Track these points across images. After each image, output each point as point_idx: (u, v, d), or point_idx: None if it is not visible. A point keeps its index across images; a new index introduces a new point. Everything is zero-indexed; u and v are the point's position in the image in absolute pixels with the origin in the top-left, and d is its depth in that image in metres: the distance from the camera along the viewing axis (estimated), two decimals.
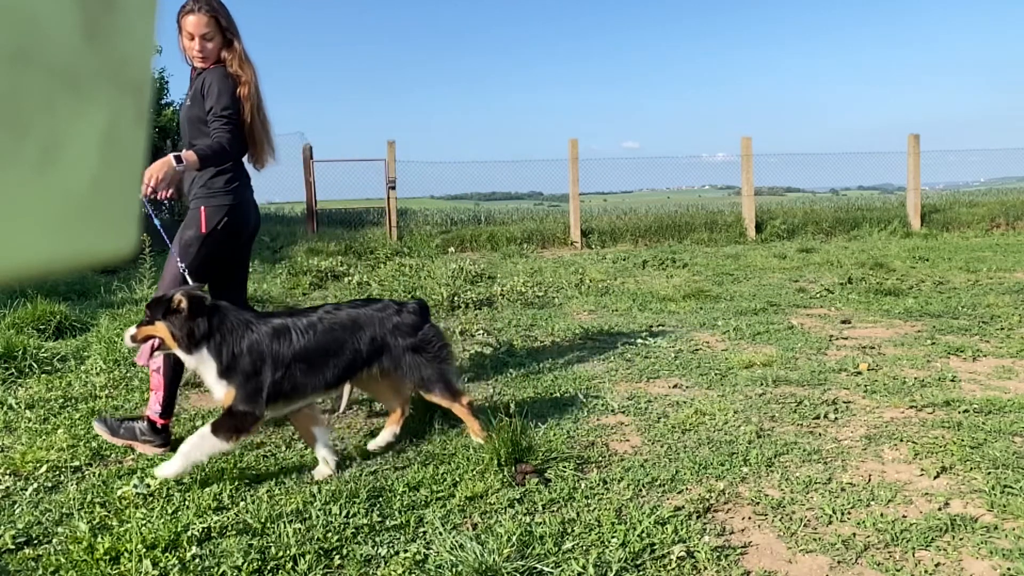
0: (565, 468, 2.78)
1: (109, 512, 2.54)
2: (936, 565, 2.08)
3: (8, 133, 0.33)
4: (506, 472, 2.72)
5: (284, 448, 3.17)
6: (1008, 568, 2.05)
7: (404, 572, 2.10)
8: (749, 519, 2.41)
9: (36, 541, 2.38)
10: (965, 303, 5.88)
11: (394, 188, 12.44)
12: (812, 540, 2.24)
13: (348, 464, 2.94)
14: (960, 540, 2.21)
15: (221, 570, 2.13)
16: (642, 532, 2.25)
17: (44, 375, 4.26)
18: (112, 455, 3.13)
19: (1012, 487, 2.51)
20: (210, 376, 2.72)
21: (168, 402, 3.15)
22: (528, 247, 11.94)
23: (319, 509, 2.48)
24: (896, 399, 3.54)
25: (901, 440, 3.03)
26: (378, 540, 2.29)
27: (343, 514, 2.45)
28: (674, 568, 2.09)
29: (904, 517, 2.37)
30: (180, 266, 3.03)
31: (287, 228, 13.42)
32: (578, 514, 2.42)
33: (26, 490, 2.75)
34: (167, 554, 2.21)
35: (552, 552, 2.17)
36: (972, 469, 2.69)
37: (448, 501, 2.55)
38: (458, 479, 2.71)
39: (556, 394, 3.79)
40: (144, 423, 3.13)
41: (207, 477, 2.80)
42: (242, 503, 2.59)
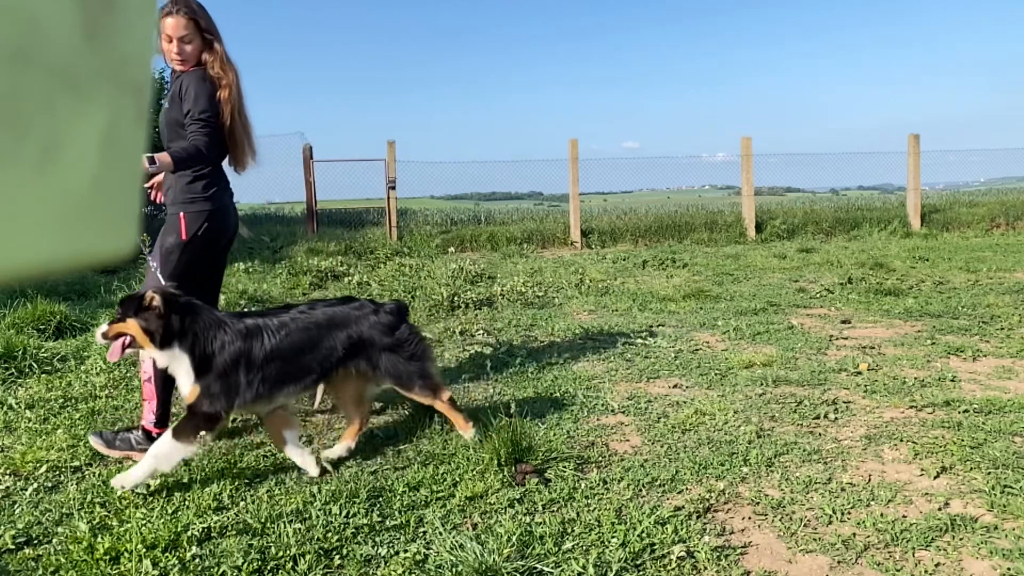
0: (565, 468, 2.78)
1: (109, 512, 2.54)
2: (936, 565, 2.08)
3: (8, 133, 0.33)
4: (506, 472, 2.72)
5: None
6: (1008, 568, 2.05)
7: (404, 572, 2.10)
8: (749, 519, 2.41)
9: (36, 541, 2.38)
10: (965, 303, 5.88)
11: (394, 188, 12.44)
12: (812, 540, 2.24)
13: (348, 464, 2.94)
14: (960, 540, 2.21)
15: (221, 570, 2.13)
16: (642, 532, 2.25)
17: (44, 375, 4.26)
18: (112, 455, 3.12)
19: (1012, 487, 2.51)
20: (183, 374, 2.69)
21: (162, 411, 3.14)
22: (528, 247, 11.94)
23: (319, 509, 2.48)
24: (896, 399, 3.54)
25: (901, 440, 3.03)
26: (378, 540, 2.29)
27: (343, 514, 2.45)
28: (674, 568, 2.09)
29: (904, 517, 2.37)
30: (152, 265, 2.99)
31: (287, 228, 13.42)
32: (578, 514, 2.42)
33: (26, 490, 2.75)
34: (167, 554, 2.21)
35: (552, 552, 2.17)
36: (972, 469, 2.69)
37: (448, 501, 2.56)
38: (458, 479, 2.71)
39: (556, 394, 3.79)
40: (139, 433, 3.12)
41: (207, 477, 2.80)
42: (242, 503, 2.59)
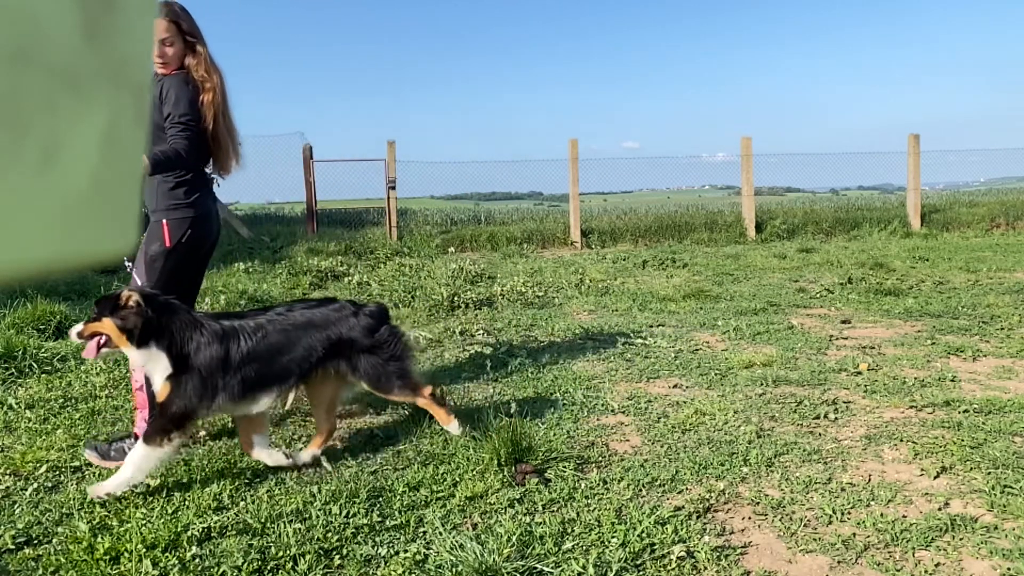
0: (565, 468, 2.78)
1: (109, 512, 2.54)
2: (936, 565, 2.08)
3: (8, 133, 0.33)
4: (506, 472, 2.72)
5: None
6: (1008, 568, 2.05)
7: (404, 572, 2.10)
8: (749, 519, 2.41)
9: (36, 541, 2.38)
10: (965, 303, 5.88)
11: (394, 188, 12.44)
12: (812, 540, 2.24)
13: (348, 464, 2.94)
14: (960, 540, 2.21)
15: (221, 570, 2.13)
16: (642, 532, 2.25)
17: (44, 375, 4.26)
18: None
19: (1012, 487, 2.51)
20: (159, 374, 2.67)
21: None
22: (528, 247, 11.94)
23: (319, 509, 2.48)
24: (896, 399, 3.54)
25: (901, 440, 3.03)
26: (378, 540, 2.29)
27: (343, 514, 2.45)
28: (674, 568, 2.09)
29: (904, 517, 2.37)
30: (128, 266, 2.97)
31: (287, 228, 13.42)
32: (578, 514, 2.42)
33: (26, 490, 2.75)
34: (167, 554, 2.21)
35: (552, 552, 2.17)
36: (972, 469, 2.69)
37: (448, 501, 2.55)
38: (458, 479, 2.71)
39: (556, 394, 3.79)
40: (132, 441, 3.11)
41: (207, 477, 2.80)
42: (242, 503, 2.59)
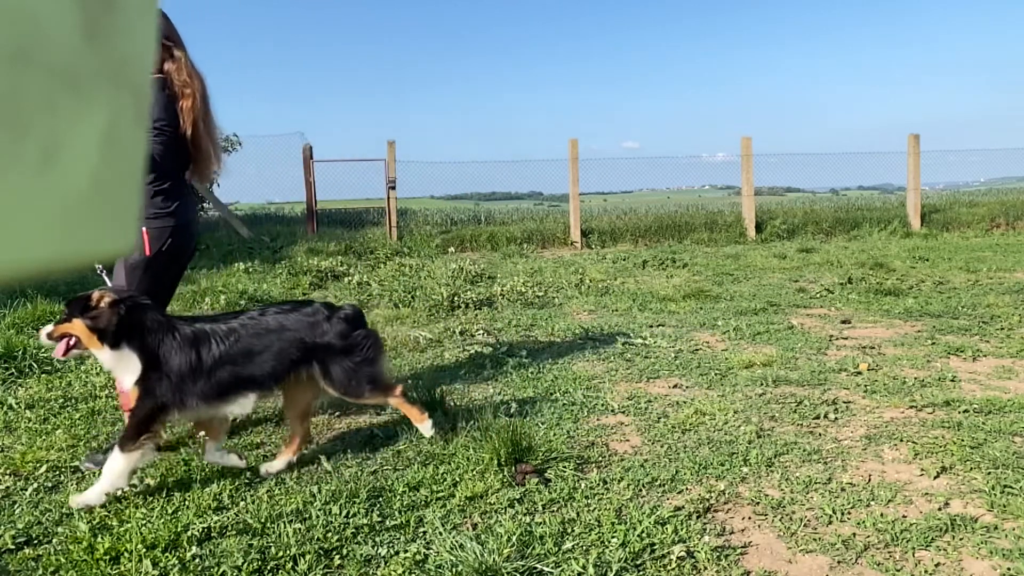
0: (565, 468, 2.78)
1: (109, 512, 2.54)
2: (936, 565, 2.08)
3: (8, 133, 0.33)
4: (506, 472, 2.72)
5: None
6: (1008, 568, 2.05)
7: (404, 572, 2.10)
8: (749, 519, 2.41)
9: (36, 541, 2.38)
10: (965, 303, 5.88)
11: (394, 188, 12.44)
12: (812, 540, 2.24)
13: (348, 464, 2.94)
14: (960, 540, 2.21)
15: (221, 570, 2.13)
16: (642, 532, 2.25)
17: (44, 375, 4.26)
18: None
19: (1012, 487, 2.51)
20: (129, 375, 2.65)
21: None
22: (528, 247, 11.94)
23: (319, 509, 2.48)
24: (896, 399, 3.54)
25: (901, 440, 3.03)
26: (378, 540, 2.29)
27: (343, 514, 2.45)
28: (674, 568, 2.09)
29: (904, 517, 2.37)
30: (99, 268, 2.93)
31: (287, 228, 13.42)
32: (578, 514, 2.42)
33: (26, 490, 2.75)
34: (167, 554, 2.21)
35: (552, 552, 2.17)
36: (972, 469, 2.69)
37: (448, 501, 2.55)
38: (458, 479, 2.71)
39: (556, 394, 3.78)
40: None
41: (207, 477, 2.80)
42: (242, 503, 2.59)
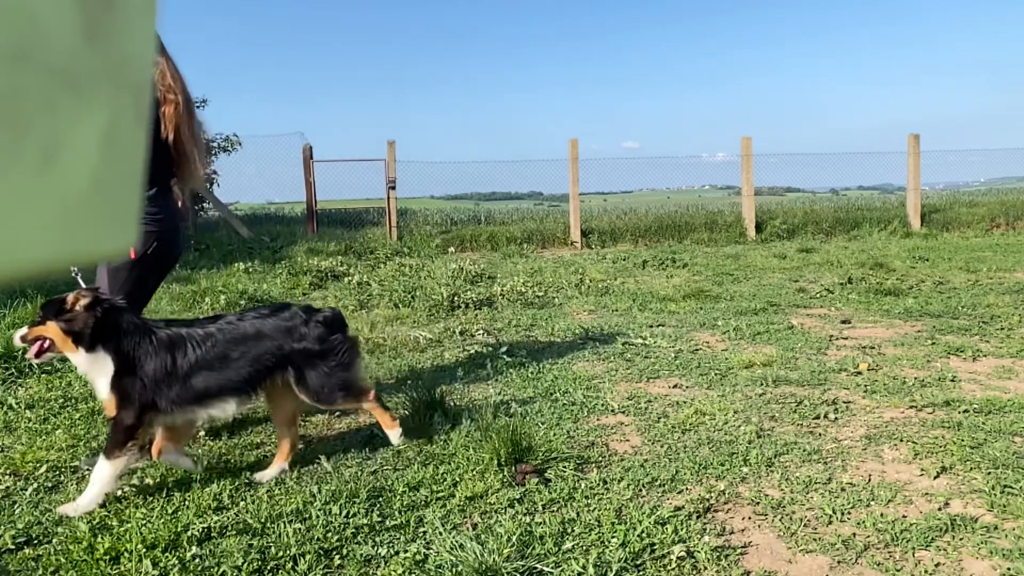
0: (565, 468, 2.78)
1: (109, 512, 2.54)
2: (936, 565, 2.08)
3: (8, 133, 0.33)
4: (506, 472, 2.72)
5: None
6: (1008, 568, 2.05)
7: (404, 572, 2.10)
8: (749, 519, 2.40)
9: (36, 541, 2.38)
10: (965, 303, 5.88)
11: (394, 188, 12.44)
12: (812, 540, 2.24)
13: (348, 464, 2.94)
14: (960, 540, 2.21)
15: (221, 570, 2.13)
16: (642, 532, 2.25)
17: (44, 375, 4.26)
18: None
19: (1012, 487, 2.51)
20: (103, 379, 2.62)
21: None
22: (528, 247, 11.94)
23: (319, 509, 2.48)
24: (896, 399, 3.54)
25: (901, 440, 3.02)
26: (378, 540, 2.29)
27: (343, 514, 2.45)
28: (674, 568, 2.09)
29: (904, 517, 2.37)
30: (73, 272, 2.91)
31: (287, 228, 13.43)
32: (578, 514, 2.42)
33: (26, 490, 2.75)
34: (167, 554, 2.21)
35: (552, 552, 2.17)
36: (972, 469, 2.69)
37: (448, 501, 2.55)
38: (458, 479, 2.71)
39: (556, 394, 3.78)
40: None
41: (207, 477, 2.80)
42: (242, 503, 2.59)
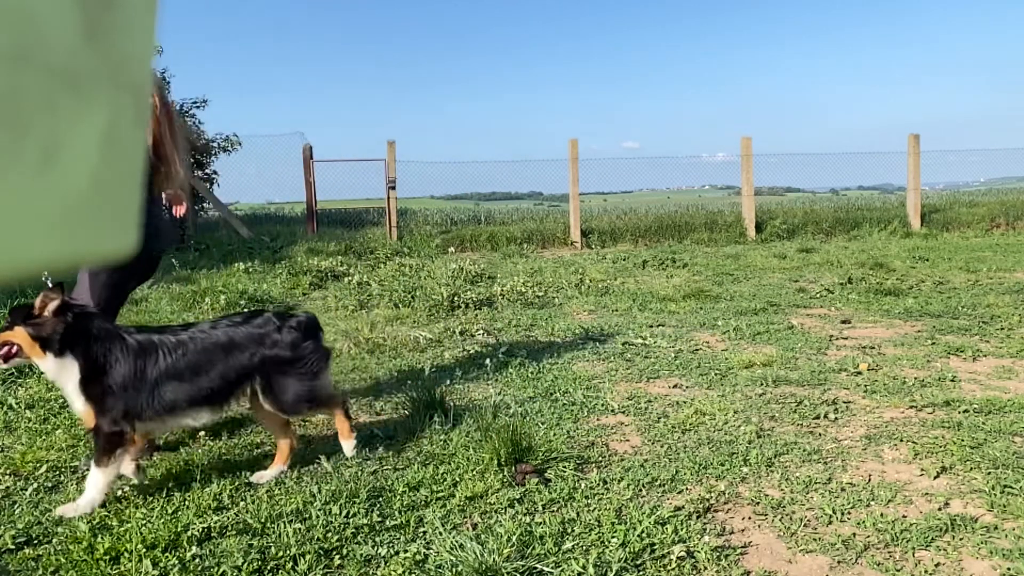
0: (565, 468, 2.78)
1: (109, 512, 2.54)
2: (936, 565, 2.08)
3: (8, 133, 0.33)
4: (506, 472, 2.72)
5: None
6: (1008, 568, 2.05)
7: (404, 572, 2.10)
8: (749, 519, 2.40)
9: (36, 541, 2.38)
10: (965, 303, 5.88)
11: (394, 188, 12.45)
12: (812, 540, 2.24)
13: (348, 464, 2.94)
14: (960, 540, 2.21)
15: (221, 570, 2.13)
16: (642, 532, 2.25)
17: (44, 375, 4.26)
18: None
19: (1012, 487, 2.51)
20: (71, 385, 2.59)
21: None
22: (528, 247, 11.95)
23: (319, 509, 2.48)
24: (896, 399, 3.54)
25: (901, 440, 3.02)
26: (378, 540, 2.29)
27: (343, 514, 2.45)
28: (674, 568, 2.09)
29: (904, 517, 2.37)
30: (45, 276, 2.89)
31: (287, 228, 13.44)
32: (578, 514, 2.42)
33: (26, 490, 2.75)
34: (167, 554, 2.21)
35: (552, 552, 2.17)
36: (972, 469, 2.69)
37: (448, 501, 2.55)
38: (458, 479, 2.71)
39: (556, 394, 3.78)
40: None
41: (207, 477, 2.80)
42: (242, 503, 2.59)
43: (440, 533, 2.28)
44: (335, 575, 2.14)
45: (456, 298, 6.28)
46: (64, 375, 2.60)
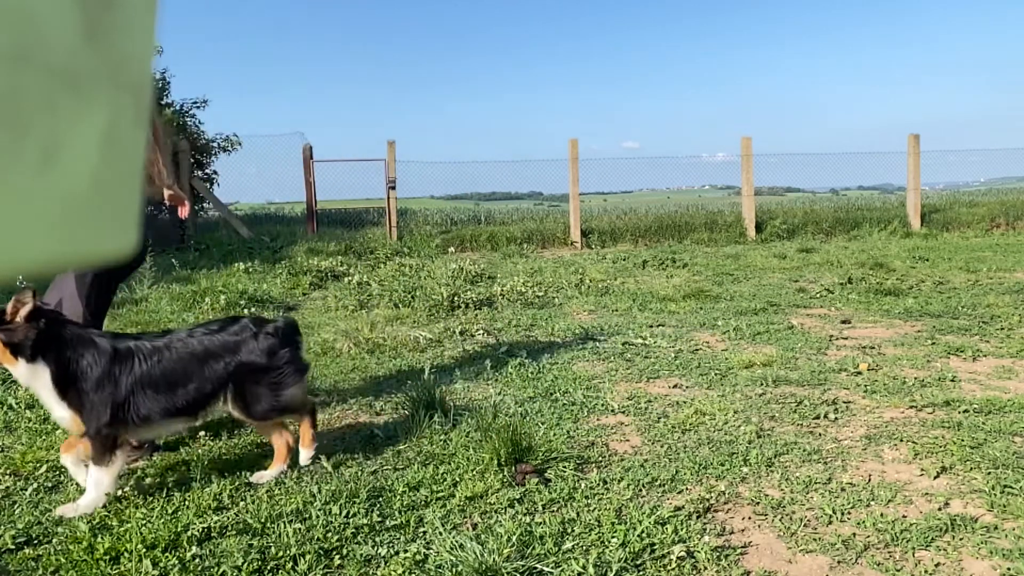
0: (565, 468, 2.78)
1: (109, 512, 2.54)
2: (936, 565, 2.08)
3: (8, 133, 0.33)
4: (506, 472, 2.72)
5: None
6: (1008, 568, 2.05)
7: (404, 572, 2.10)
8: (749, 519, 2.40)
9: (36, 541, 2.38)
10: (965, 303, 5.88)
11: (394, 188, 12.45)
12: (812, 540, 2.24)
13: (348, 464, 2.94)
14: (960, 540, 2.21)
15: (221, 570, 2.13)
16: (642, 532, 2.25)
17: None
18: None
19: (1012, 487, 2.51)
20: (45, 391, 2.57)
21: None
22: (528, 247, 11.95)
23: (319, 509, 2.48)
24: (896, 399, 3.54)
25: (901, 440, 3.02)
26: (378, 540, 2.29)
27: (343, 514, 2.45)
28: (674, 568, 2.09)
29: (904, 517, 2.37)
30: (20, 281, 2.88)
31: (287, 228, 13.44)
32: (578, 514, 2.42)
33: (26, 490, 2.75)
34: (167, 554, 2.21)
35: (552, 552, 2.17)
36: (972, 469, 2.69)
37: (448, 501, 2.55)
38: (458, 479, 2.71)
39: (556, 394, 3.78)
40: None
41: (207, 477, 2.80)
42: (242, 503, 2.59)
43: (440, 533, 2.28)
44: (335, 575, 2.14)
45: (456, 298, 6.28)
46: (37, 381, 2.57)
